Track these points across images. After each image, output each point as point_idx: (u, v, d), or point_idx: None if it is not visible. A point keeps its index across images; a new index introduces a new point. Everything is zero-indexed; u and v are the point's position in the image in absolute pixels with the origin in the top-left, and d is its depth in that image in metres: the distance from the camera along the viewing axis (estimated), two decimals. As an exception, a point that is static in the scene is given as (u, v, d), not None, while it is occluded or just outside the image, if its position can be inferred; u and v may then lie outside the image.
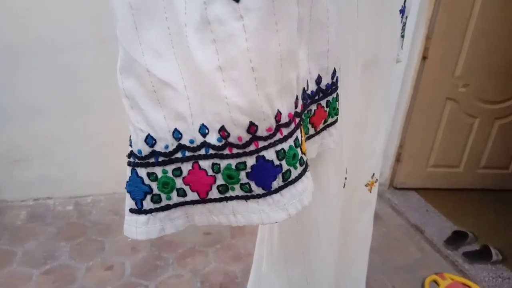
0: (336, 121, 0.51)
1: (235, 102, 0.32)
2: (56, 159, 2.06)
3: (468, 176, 2.53)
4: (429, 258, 1.93)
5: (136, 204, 0.38)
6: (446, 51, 2.19)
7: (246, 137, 0.34)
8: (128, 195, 0.38)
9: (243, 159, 0.35)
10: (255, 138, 0.34)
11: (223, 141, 0.35)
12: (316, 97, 0.46)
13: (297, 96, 0.37)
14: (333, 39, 0.44)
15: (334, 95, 0.49)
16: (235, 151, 0.35)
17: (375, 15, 0.57)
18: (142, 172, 0.37)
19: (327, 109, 0.49)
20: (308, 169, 0.40)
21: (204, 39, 0.31)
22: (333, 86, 0.48)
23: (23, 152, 2.02)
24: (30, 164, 2.05)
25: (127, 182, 0.38)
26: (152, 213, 0.38)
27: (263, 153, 0.35)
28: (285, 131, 0.36)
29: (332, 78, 0.47)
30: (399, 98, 2.31)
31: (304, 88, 0.42)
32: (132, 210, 0.38)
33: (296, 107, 0.37)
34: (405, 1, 0.62)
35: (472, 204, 2.42)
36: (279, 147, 0.36)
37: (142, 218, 0.38)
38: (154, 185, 0.37)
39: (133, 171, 0.37)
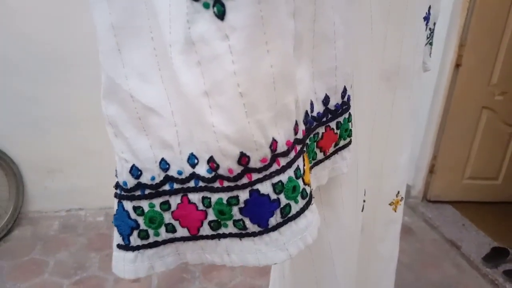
0: (349, 143, 0.47)
1: (223, 131, 0.29)
2: (88, 170, 2.12)
3: (507, 189, 2.40)
4: (466, 276, 1.83)
5: (123, 239, 0.35)
6: (481, 58, 2.11)
7: (237, 169, 0.30)
8: (115, 230, 0.35)
9: (235, 193, 0.31)
10: (247, 170, 0.31)
11: (213, 173, 0.31)
12: (324, 119, 0.42)
13: (296, 122, 0.33)
14: (342, 54, 0.40)
15: (346, 115, 0.44)
16: (226, 184, 0.31)
17: (396, 23, 0.53)
18: (128, 205, 0.34)
19: (338, 131, 0.44)
20: (312, 202, 0.35)
21: (189, 61, 0.28)
22: (344, 106, 0.43)
23: (56, 163, 2.09)
24: (63, 175, 2.11)
25: (114, 215, 0.35)
26: (140, 250, 0.35)
27: (258, 186, 0.31)
28: (283, 161, 0.32)
29: (342, 97, 0.42)
30: (432, 108, 2.23)
31: (307, 111, 0.38)
32: (119, 246, 0.35)
33: (296, 133, 0.33)
34: (429, 7, 0.59)
35: (513, 219, 2.29)
36: (276, 179, 0.32)
37: (130, 255, 0.35)
38: (140, 220, 0.34)
39: (120, 204, 0.35)
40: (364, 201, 0.59)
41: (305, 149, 0.37)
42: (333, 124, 0.43)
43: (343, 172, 0.47)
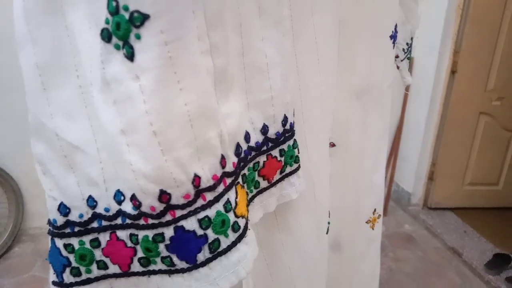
0: (297, 169, 0.46)
1: (140, 169, 0.29)
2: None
3: (508, 194, 2.38)
4: (470, 284, 1.81)
5: (57, 276, 0.35)
6: (477, 64, 2.11)
7: (159, 206, 0.30)
8: (50, 266, 0.36)
9: (159, 230, 0.31)
10: (170, 207, 0.30)
11: (137, 210, 0.31)
12: (264, 148, 0.42)
13: (222, 155, 0.33)
14: (278, 84, 0.40)
15: (291, 142, 0.44)
16: (150, 221, 0.31)
17: (362, 44, 0.54)
18: (59, 242, 0.34)
19: (282, 158, 0.44)
20: (246, 235, 0.35)
21: (107, 100, 0.29)
22: (286, 134, 0.43)
23: (56, 180, 2.08)
24: (63, 191, 2.11)
25: (48, 252, 0.36)
26: (74, 287, 0.35)
27: (182, 223, 0.31)
28: (210, 196, 0.32)
29: (283, 125, 0.42)
30: (429, 115, 2.23)
31: (238, 142, 0.37)
32: (54, 283, 0.35)
33: (223, 167, 0.33)
34: (396, 26, 0.60)
35: (515, 224, 2.27)
36: (201, 214, 0.31)
37: None
38: (71, 257, 0.34)
39: (52, 241, 0.35)
40: (328, 223, 0.59)
41: (240, 180, 0.37)
42: (275, 152, 0.43)
43: (292, 198, 0.46)
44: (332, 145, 0.60)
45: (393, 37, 0.59)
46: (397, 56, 0.74)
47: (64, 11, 0.31)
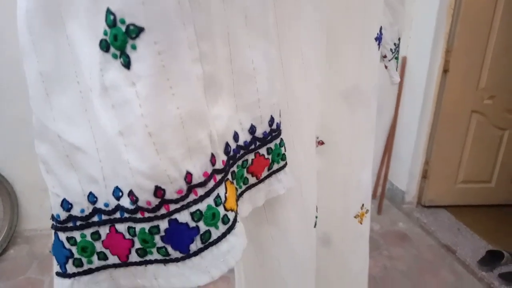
0: (284, 166, 0.50)
1: (137, 167, 0.32)
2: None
3: (501, 191, 2.42)
4: (463, 281, 1.83)
5: (60, 267, 0.38)
6: (468, 63, 2.14)
7: (154, 201, 0.33)
8: (54, 258, 0.38)
9: (155, 223, 0.34)
10: (164, 201, 0.33)
11: (134, 205, 0.34)
12: (252, 146, 0.45)
13: (212, 154, 0.36)
14: (265, 87, 0.43)
15: (278, 141, 0.47)
16: (146, 215, 0.34)
17: (348, 47, 0.57)
18: (62, 236, 0.37)
19: (269, 156, 0.47)
20: (235, 227, 0.38)
21: (105, 104, 0.32)
22: (273, 133, 0.47)
23: (51, 181, 2.08)
24: (58, 193, 2.11)
25: (52, 245, 0.38)
26: (76, 277, 0.38)
27: (176, 216, 0.34)
28: (201, 191, 0.35)
29: (270, 125, 0.46)
30: (422, 114, 2.26)
31: (227, 142, 0.41)
32: (57, 274, 0.38)
33: (213, 164, 0.36)
34: (380, 28, 0.62)
35: (507, 221, 2.30)
36: (193, 208, 0.34)
37: (67, 282, 0.37)
38: (74, 249, 0.37)
39: (55, 235, 0.37)
40: (316, 217, 0.61)
41: (229, 177, 0.40)
42: (263, 151, 0.47)
43: (279, 194, 0.50)
44: (321, 143, 0.62)
45: (378, 39, 0.61)
46: (385, 56, 0.76)
47: (64, 22, 0.33)
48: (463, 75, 2.16)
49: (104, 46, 0.31)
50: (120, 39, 0.30)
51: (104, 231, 0.36)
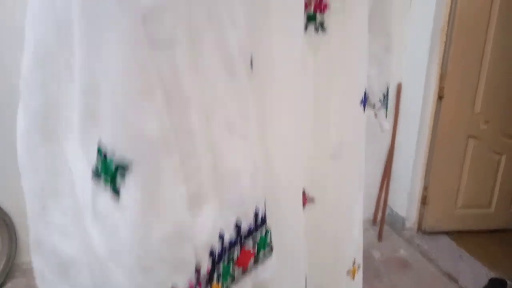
0: (270, 251, 0.51)
1: (126, 286, 0.35)
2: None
3: (501, 216, 2.40)
4: (466, 310, 1.80)
5: None
6: (463, 89, 2.16)
7: None
8: None
9: None
10: None
11: None
12: (238, 243, 0.47)
13: (196, 265, 0.39)
14: (248, 191, 0.46)
15: (263, 232, 0.49)
16: None
17: (334, 112, 0.60)
18: None
19: (255, 250, 0.49)
20: None
21: (97, 228, 0.35)
22: (258, 227, 0.48)
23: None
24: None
25: None
26: None
27: None
28: None
29: (255, 221, 0.48)
30: (418, 140, 2.27)
31: (212, 245, 0.43)
32: None
33: (199, 274, 0.39)
34: (365, 91, 0.65)
35: (507, 246, 2.28)
36: None
37: None
38: None
39: None
40: (305, 279, 0.62)
41: (214, 279, 0.43)
42: (249, 244, 0.49)
43: (266, 280, 0.51)
44: (312, 200, 0.63)
45: (363, 101, 0.64)
46: (374, 106, 0.78)
47: (59, 140, 0.37)
48: (458, 100, 2.18)
49: (96, 174, 0.34)
50: (110, 170, 0.33)
51: None
